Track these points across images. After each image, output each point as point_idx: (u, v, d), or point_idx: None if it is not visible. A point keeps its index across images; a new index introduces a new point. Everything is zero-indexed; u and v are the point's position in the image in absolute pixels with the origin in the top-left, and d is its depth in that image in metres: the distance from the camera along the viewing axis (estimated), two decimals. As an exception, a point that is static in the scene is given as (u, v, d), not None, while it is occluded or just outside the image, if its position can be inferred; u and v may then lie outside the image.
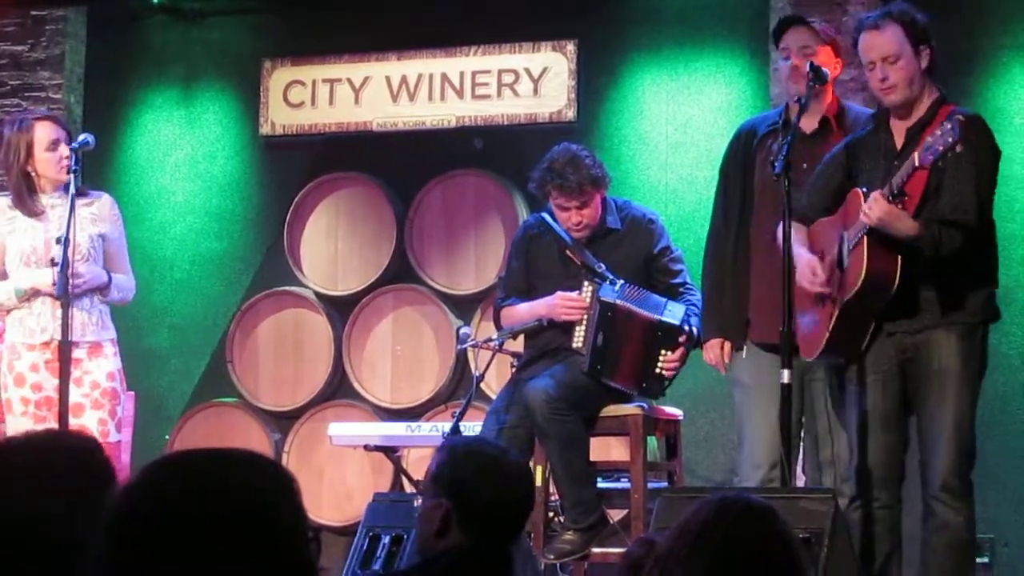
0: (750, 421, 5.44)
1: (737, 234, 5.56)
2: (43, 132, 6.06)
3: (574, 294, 6.01)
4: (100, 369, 6.01)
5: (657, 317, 5.92)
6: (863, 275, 4.77)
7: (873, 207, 4.71)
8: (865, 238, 4.77)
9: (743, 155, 5.60)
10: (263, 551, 1.84)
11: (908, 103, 4.98)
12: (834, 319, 4.93)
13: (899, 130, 5.01)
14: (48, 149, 6.04)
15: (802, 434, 5.50)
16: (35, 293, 5.99)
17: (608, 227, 6.13)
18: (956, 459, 4.84)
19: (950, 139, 4.54)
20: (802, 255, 5.03)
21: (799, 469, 5.68)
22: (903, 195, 4.73)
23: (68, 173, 5.89)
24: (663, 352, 5.92)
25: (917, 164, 4.64)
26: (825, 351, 5.01)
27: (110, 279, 6.10)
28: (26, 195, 6.05)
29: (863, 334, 4.94)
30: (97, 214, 6.13)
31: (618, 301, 5.93)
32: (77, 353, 5.94)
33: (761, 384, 5.33)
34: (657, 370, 5.93)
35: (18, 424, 5.91)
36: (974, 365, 4.97)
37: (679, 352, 5.89)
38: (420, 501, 3.63)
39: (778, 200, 5.00)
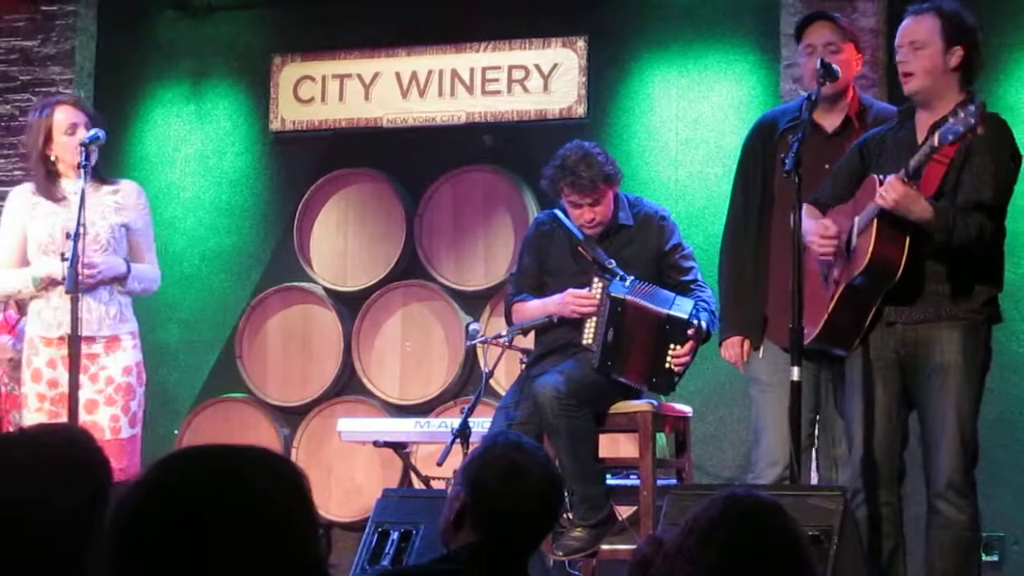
0: (768, 418, 5.40)
1: (757, 231, 5.53)
2: (62, 116, 6.01)
3: (584, 291, 6.02)
4: (116, 364, 5.96)
5: (665, 311, 5.92)
6: (868, 257, 4.75)
7: (889, 190, 4.68)
8: (875, 221, 4.75)
9: (763, 149, 5.56)
10: (273, 549, 1.84)
11: (927, 96, 4.93)
12: (835, 300, 4.92)
13: (923, 125, 4.97)
14: (66, 133, 5.99)
15: (816, 432, 5.48)
16: (51, 282, 5.95)
17: (620, 223, 6.13)
18: (960, 457, 4.82)
19: (971, 121, 4.52)
20: (812, 221, 5.02)
21: (813, 466, 5.66)
22: (919, 177, 4.71)
23: (81, 166, 5.82)
24: (672, 346, 5.91)
25: (936, 145, 4.61)
26: (821, 335, 4.98)
27: (129, 270, 6.03)
28: (46, 181, 6.02)
29: (862, 322, 4.92)
30: (122, 203, 6.07)
31: (628, 296, 5.93)
32: (94, 348, 5.90)
33: (779, 382, 5.29)
34: (666, 365, 5.93)
35: (32, 420, 5.88)
36: (976, 362, 4.93)
37: (688, 346, 5.87)
38: (452, 483, 3.63)
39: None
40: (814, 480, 5.63)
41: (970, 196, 4.78)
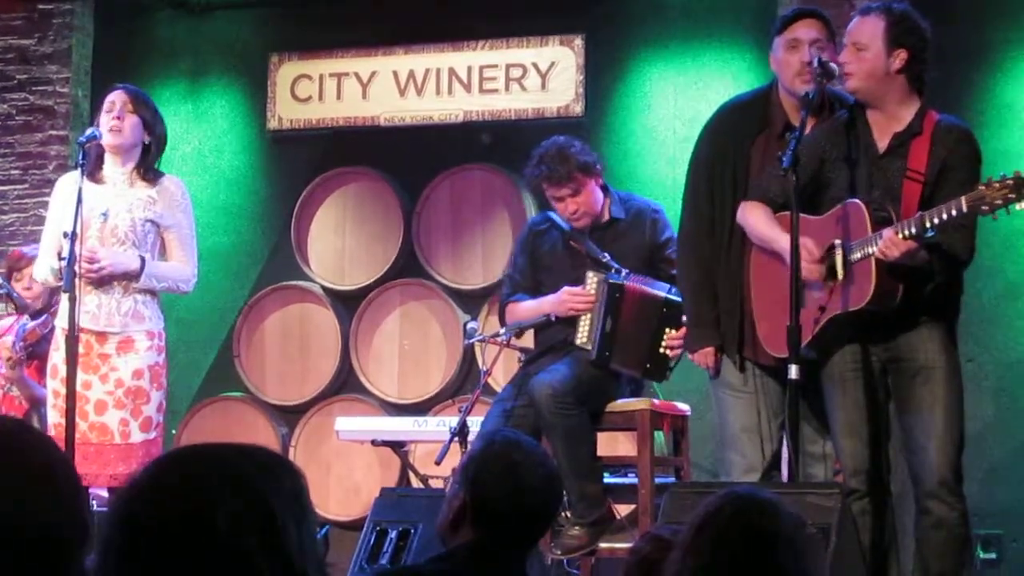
0: (741, 424, 5.25)
1: (730, 233, 5.25)
2: (109, 96, 5.97)
3: (579, 288, 6.04)
4: (127, 366, 5.83)
5: (663, 294, 5.95)
6: (871, 294, 4.72)
7: (892, 248, 4.61)
8: (873, 258, 4.71)
9: (733, 147, 5.33)
10: (271, 547, 1.83)
11: (867, 97, 4.91)
12: (820, 325, 4.88)
13: (881, 130, 4.92)
14: (106, 111, 5.92)
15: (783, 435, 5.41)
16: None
17: (612, 216, 6.16)
18: (950, 454, 4.81)
19: (1012, 196, 4.47)
20: (783, 237, 4.86)
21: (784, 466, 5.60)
22: (934, 230, 4.65)
23: (78, 165, 5.77)
24: (667, 330, 5.93)
25: (965, 211, 4.54)
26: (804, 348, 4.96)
27: (142, 267, 5.83)
28: (94, 163, 5.88)
29: (845, 339, 4.92)
30: (156, 198, 5.94)
31: (626, 282, 5.98)
32: (106, 347, 5.81)
33: (752, 388, 5.25)
34: (661, 350, 5.95)
35: (51, 416, 5.84)
36: (957, 358, 4.94)
37: (683, 331, 5.86)
38: (450, 482, 3.63)
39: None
40: (784, 478, 5.56)
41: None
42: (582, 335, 6.03)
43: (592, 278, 6.05)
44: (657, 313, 5.95)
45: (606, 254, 6.08)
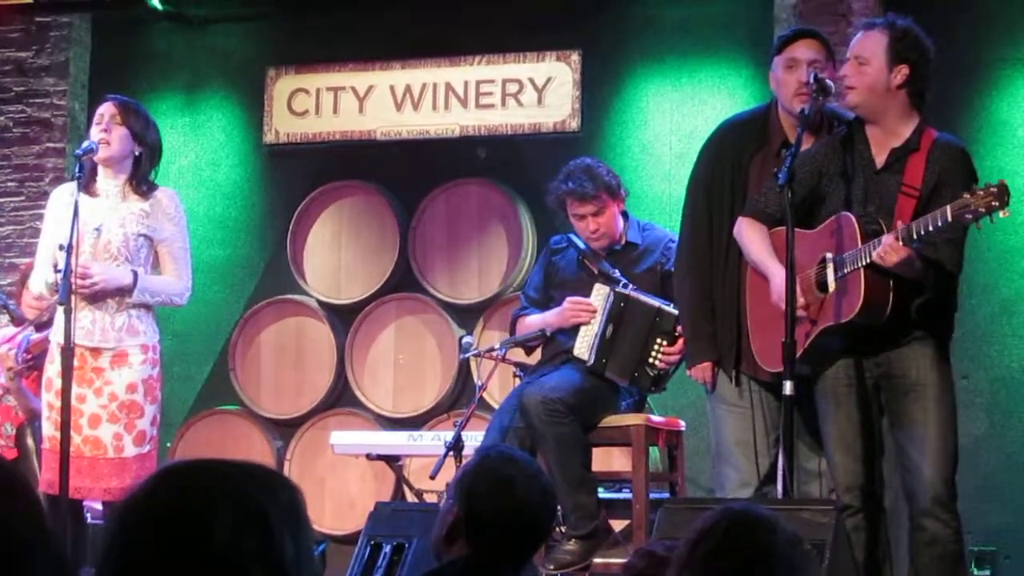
0: (735, 439, 5.27)
1: (727, 249, 5.29)
2: (97, 110, 5.97)
3: (583, 298, 6.12)
4: (120, 380, 5.83)
5: (657, 304, 6.03)
6: (859, 306, 4.72)
7: (891, 253, 4.63)
8: (863, 270, 4.73)
9: (731, 164, 5.36)
10: (268, 562, 1.84)
11: (867, 112, 4.94)
12: (811, 339, 4.89)
13: (880, 146, 4.95)
14: (95, 124, 5.92)
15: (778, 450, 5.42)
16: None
17: (629, 240, 6.29)
18: (943, 470, 4.81)
19: (995, 204, 4.49)
20: (778, 273, 4.89)
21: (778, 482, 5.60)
22: (920, 241, 4.67)
23: (75, 178, 5.78)
24: (659, 341, 5.96)
25: (950, 220, 4.56)
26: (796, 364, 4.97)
27: (135, 282, 5.83)
28: (88, 176, 5.86)
29: (837, 354, 4.93)
30: (149, 211, 5.92)
31: (631, 293, 6.08)
32: (100, 361, 5.81)
33: (747, 404, 5.26)
34: (651, 360, 5.97)
35: (45, 428, 5.84)
36: (949, 375, 4.95)
37: (678, 345, 5.90)
38: (445, 497, 3.63)
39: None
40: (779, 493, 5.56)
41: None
42: (580, 345, 6.08)
43: (598, 290, 6.14)
44: (649, 321, 6.01)
45: (617, 271, 6.18)
